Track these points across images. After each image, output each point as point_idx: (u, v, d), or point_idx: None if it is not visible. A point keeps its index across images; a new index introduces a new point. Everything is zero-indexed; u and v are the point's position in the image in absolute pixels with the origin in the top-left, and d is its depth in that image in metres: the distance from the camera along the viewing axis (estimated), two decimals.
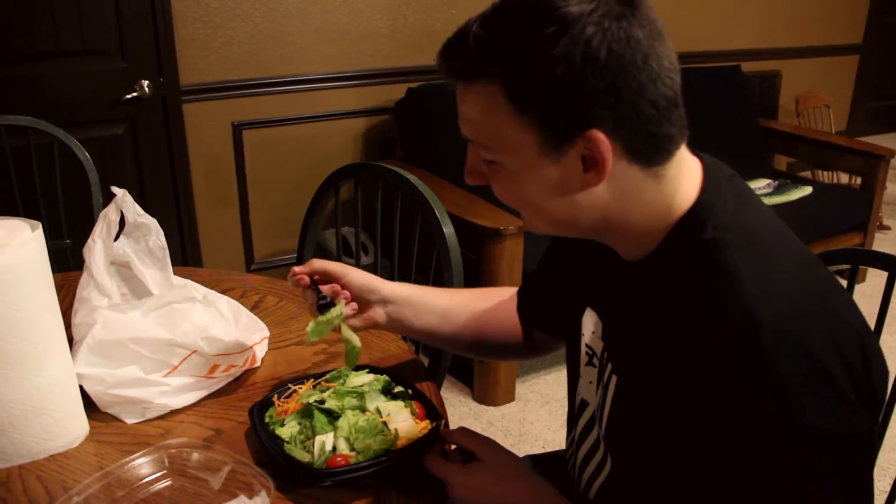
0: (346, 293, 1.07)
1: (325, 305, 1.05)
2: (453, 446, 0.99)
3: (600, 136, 0.71)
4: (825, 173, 4.03)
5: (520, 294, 1.16)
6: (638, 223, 0.79)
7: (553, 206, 0.79)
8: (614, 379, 0.86)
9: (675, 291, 0.76)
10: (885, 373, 0.75)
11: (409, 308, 1.11)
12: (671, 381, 0.73)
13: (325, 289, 1.07)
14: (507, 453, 0.96)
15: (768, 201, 3.26)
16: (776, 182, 3.54)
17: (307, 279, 1.06)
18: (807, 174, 4.12)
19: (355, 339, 1.04)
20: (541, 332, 1.15)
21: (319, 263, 1.07)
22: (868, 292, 3.25)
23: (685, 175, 0.79)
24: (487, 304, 1.17)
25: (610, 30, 0.68)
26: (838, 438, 0.66)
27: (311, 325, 1.03)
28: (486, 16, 0.73)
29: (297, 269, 1.06)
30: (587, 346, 0.93)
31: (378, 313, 1.10)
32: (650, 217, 0.78)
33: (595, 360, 0.92)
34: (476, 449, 0.96)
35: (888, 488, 1.24)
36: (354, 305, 1.08)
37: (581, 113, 0.71)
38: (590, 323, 0.93)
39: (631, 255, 0.83)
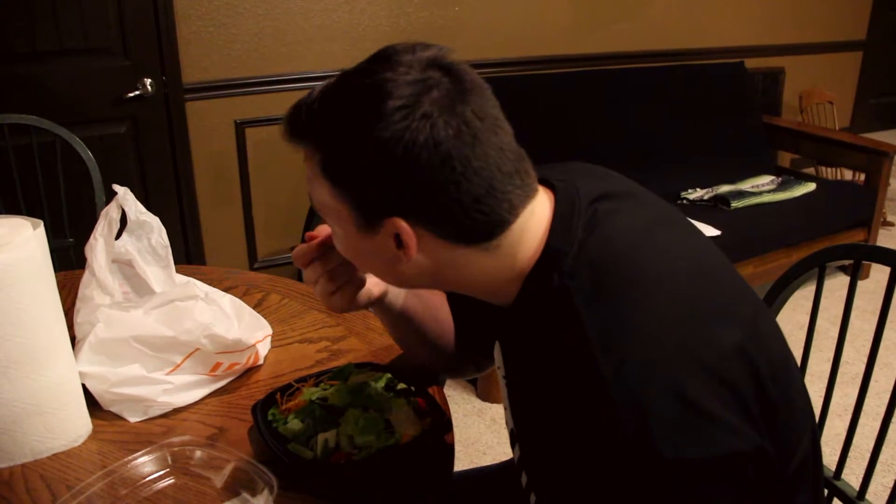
0: None
1: None
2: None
3: (402, 225, 0.73)
4: (829, 170, 4.02)
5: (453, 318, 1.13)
6: (482, 283, 0.80)
7: (377, 270, 0.83)
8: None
9: (538, 336, 0.77)
10: (777, 377, 0.74)
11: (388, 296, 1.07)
12: (551, 425, 0.74)
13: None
14: None
15: (772, 198, 3.25)
16: (780, 179, 3.53)
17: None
18: (810, 171, 4.11)
19: None
20: (477, 355, 1.13)
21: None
22: (871, 288, 3.26)
23: (529, 230, 0.77)
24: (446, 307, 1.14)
25: (410, 129, 0.69)
26: (716, 463, 0.66)
27: None
28: (326, 87, 0.75)
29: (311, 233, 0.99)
30: (503, 378, 0.93)
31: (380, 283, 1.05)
32: (494, 278, 0.79)
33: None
34: None
35: (892, 484, 1.24)
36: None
37: (382, 201, 0.73)
38: (499, 354, 0.92)
39: (500, 302, 0.83)
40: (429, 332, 1.11)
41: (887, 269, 1.22)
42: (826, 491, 1.29)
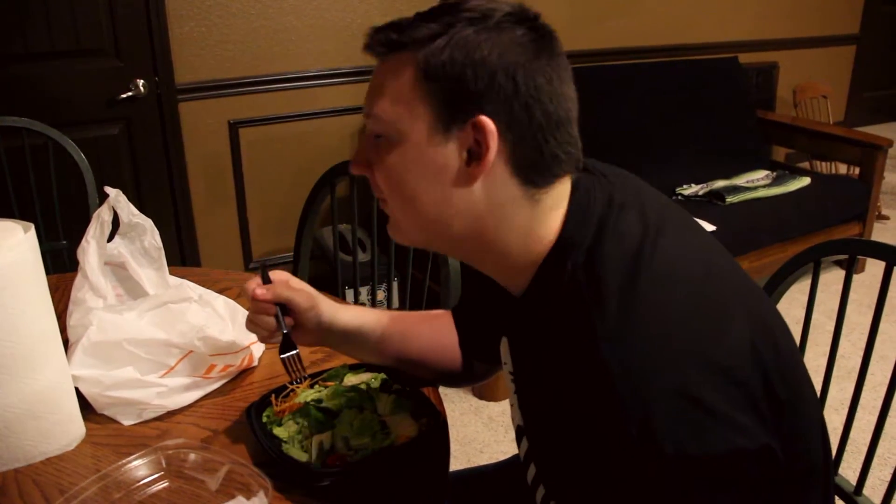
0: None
1: (286, 347, 1.00)
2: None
3: (489, 124, 0.73)
4: (823, 164, 4.02)
5: (455, 323, 1.14)
6: (508, 247, 0.79)
7: (428, 197, 0.79)
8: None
9: (548, 327, 0.78)
10: (786, 376, 0.74)
11: (358, 338, 1.07)
12: (560, 417, 0.74)
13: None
14: None
15: (766, 193, 3.25)
16: (774, 173, 3.53)
17: (274, 309, 0.99)
18: (805, 165, 4.11)
19: None
20: (477, 361, 1.13)
21: (286, 293, 1.00)
22: (867, 282, 3.27)
23: (557, 207, 0.79)
24: (429, 329, 1.14)
25: (524, 38, 0.74)
26: (719, 460, 0.65)
27: None
28: (427, 9, 0.78)
29: (260, 292, 0.99)
30: (510, 373, 0.93)
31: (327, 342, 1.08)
32: (521, 243, 0.79)
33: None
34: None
35: (888, 477, 1.24)
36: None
37: (479, 95, 0.73)
38: (506, 349, 0.92)
39: (512, 289, 0.83)
40: (410, 354, 1.11)
41: (883, 262, 1.22)
42: None
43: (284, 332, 0.99)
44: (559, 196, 0.78)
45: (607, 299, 0.71)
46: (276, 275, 1.04)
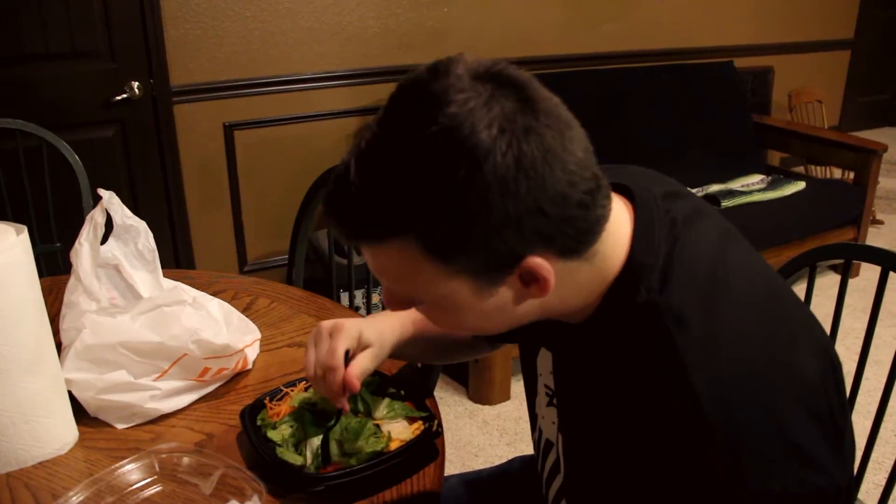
0: None
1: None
2: None
3: (537, 262, 0.65)
4: (818, 168, 4.03)
5: None
6: (576, 303, 0.74)
7: (495, 324, 0.75)
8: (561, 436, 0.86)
9: (616, 354, 0.74)
10: (842, 402, 0.72)
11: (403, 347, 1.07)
12: (621, 441, 0.72)
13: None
14: None
15: (761, 197, 3.26)
16: (769, 178, 3.54)
17: (358, 385, 0.95)
18: (800, 169, 4.12)
19: None
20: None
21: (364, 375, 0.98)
22: (862, 286, 3.27)
23: (617, 234, 0.72)
24: None
25: (522, 151, 0.60)
26: (795, 499, 0.64)
27: None
28: (366, 160, 0.63)
29: (351, 382, 0.94)
30: (546, 386, 0.90)
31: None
32: (587, 293, 0.73)
33: (555, 401, 0.89)
34: None
35: (883, 482, 1.24)
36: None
37: (513, 249, 0.64)
38: (546, 363, 0.89)
39: (572, 321, 0.79)
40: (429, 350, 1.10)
41: (877, 268, 1.22)
42: None
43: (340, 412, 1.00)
44: (612, 227, 0.71)
45: (691, 326, 0.67)
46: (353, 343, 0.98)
